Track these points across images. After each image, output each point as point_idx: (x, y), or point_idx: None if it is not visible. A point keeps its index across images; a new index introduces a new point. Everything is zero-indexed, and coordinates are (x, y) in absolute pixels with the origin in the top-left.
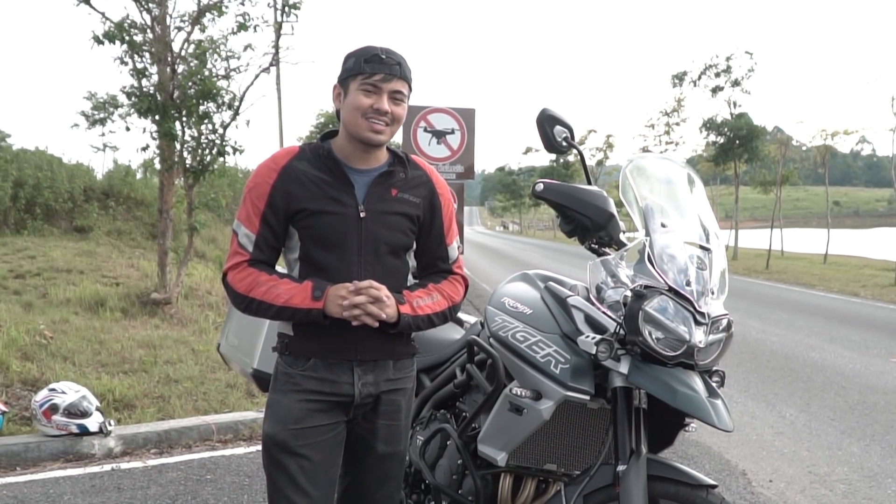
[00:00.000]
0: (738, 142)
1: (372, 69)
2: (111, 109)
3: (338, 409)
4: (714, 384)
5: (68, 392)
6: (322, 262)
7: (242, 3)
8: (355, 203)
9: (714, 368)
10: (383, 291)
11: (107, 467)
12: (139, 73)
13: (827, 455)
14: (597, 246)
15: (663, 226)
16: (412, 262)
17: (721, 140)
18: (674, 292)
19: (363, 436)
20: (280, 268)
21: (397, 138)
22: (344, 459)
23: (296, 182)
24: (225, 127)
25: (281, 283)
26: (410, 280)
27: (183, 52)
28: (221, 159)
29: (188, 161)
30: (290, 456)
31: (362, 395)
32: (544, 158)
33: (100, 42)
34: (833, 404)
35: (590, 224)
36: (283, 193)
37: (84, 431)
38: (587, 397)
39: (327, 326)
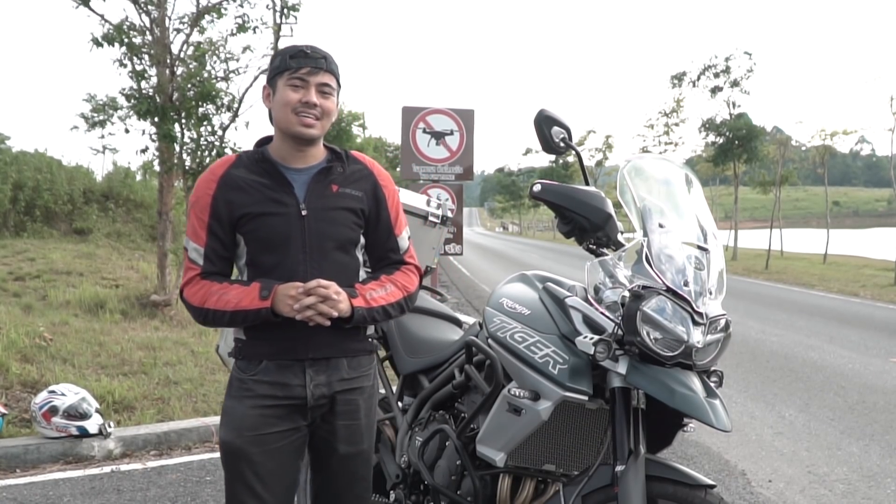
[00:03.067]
0: (737, 142)
1: (298, 64)
2: (110, 112)
3: (295, 414)
4: (712, 384)
5: (68, 394)
6: (268, 264)
7: (241, 5)
8: (296, 202)
9: (712, 368)
10: (332, 289)
11: (106, 469)
12: (138, 76)
13: (826, 455)
14: (595, 247)
15: (661, 226)
16: (362, 258)
17: (720, 140)
18: (672, 293)
19: (324, 437)
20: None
21: (396, 139)
22: (311, 462)
23: (235, 189)
24: (224, 129)
25: (230, 288)
26: (363, 275)
27: (182, 54)
28: None
29: (187, 163)
30: (246, 463)
31: (315, 397)
32: (544, 159)
33: (99, 44)
34: (832, 404)
35: (588, 225)
36: (224, 202)
37: (84, 433)
38: (585, 398)
39: (277, 326)
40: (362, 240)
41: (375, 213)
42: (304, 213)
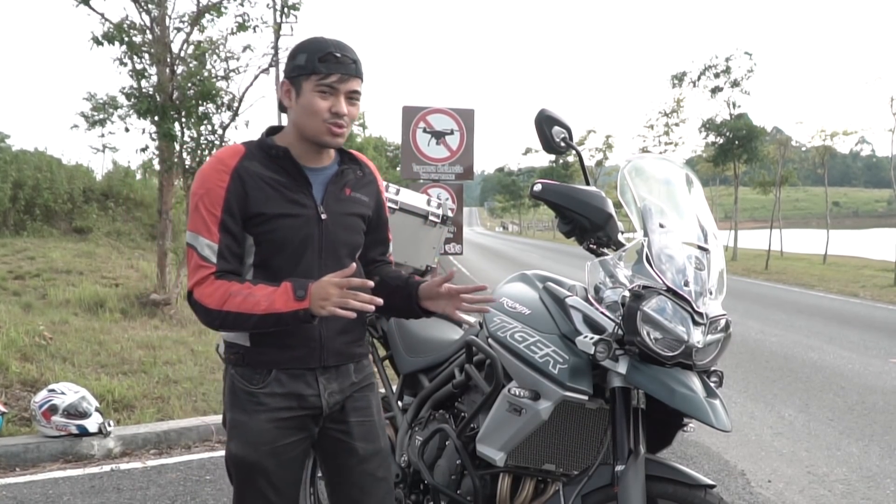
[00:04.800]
0: (737, 142)
1: (328, 69)
2: (110, 110)
3: (308, 422)
4: (712, 384)
5: (68, 393)
6: (280, 268)
7: (242, 4)
8: (314, 204)
9: (712, 369)
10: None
11: (106, 468)
12: (138, 74)
13: (826, 455)
14: (595, 246)
15: (661, 226)
16: None
17: (720, 141)
18: (672, 292)
19: (339, 439)
20: None
21: (396, 139)
22: (328, 472)
23: (250, 184)
24: (224, 128)
25: (256, 289)
26: None
27: (182, 53)
28: None
29: (187, 162)
30: (262, 475)
31: (330, 405)
32: (544, 159)
33: (99, 43)
34: (832, 405)
35: (588, 224)
36: (239, 197)
37: (83, 432)
38: (585, 397)
39: (290, 333)
40: None
41: (376, 219)
42: (323, 216)
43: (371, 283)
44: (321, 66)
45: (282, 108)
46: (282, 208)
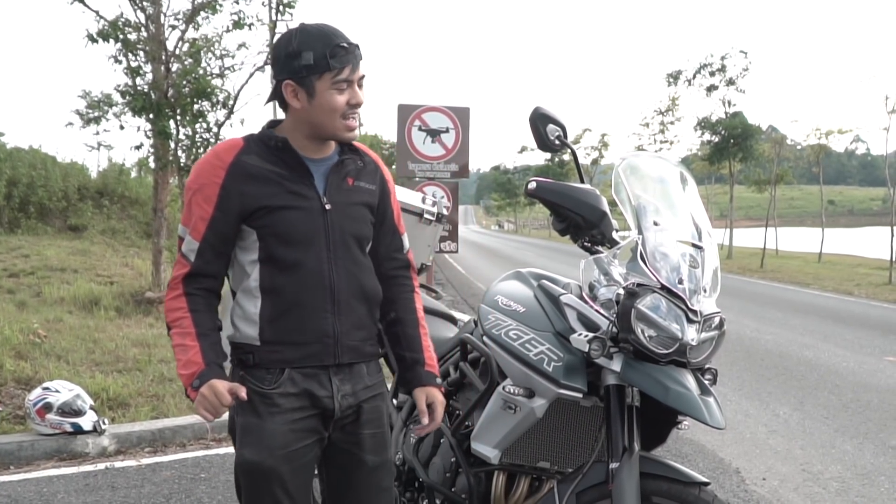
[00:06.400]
0: (732, 141)
1: (340, 63)
2: (105, 108)
3: (319, 424)
4: (706, 382)
5: (62, 391)
6: (289, 262)
7: (237, 2)
8: (317, 195)
9: (706, 366)
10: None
11: (101, 466)
12: (133, 72)
13: (820, 453)
14: (590, 244)
15: (656, 224)
16: None
17: (716, 139)
18: (666, 290)
19: (348, 449)
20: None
21: (391, 137)
22: (335, 481)
23: (249, 178)
24: (219, 125)
25: (190, 344)
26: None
27: (177, 51)
28: None
29: (182, 160)
30: (276, 482)
31: (343, 408)
32: (540, 157)
33: (94, 40)
34: (827, 403)
35: (582, 222)
36: (237, 193)
37: (78, 430)
38: (580, 395)
39: (304, 329)
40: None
41: (383, 210)
42: (327, 207)
43: (243, 396)
44: (334, 62)
45: (283, 106)
46: (284, 200)
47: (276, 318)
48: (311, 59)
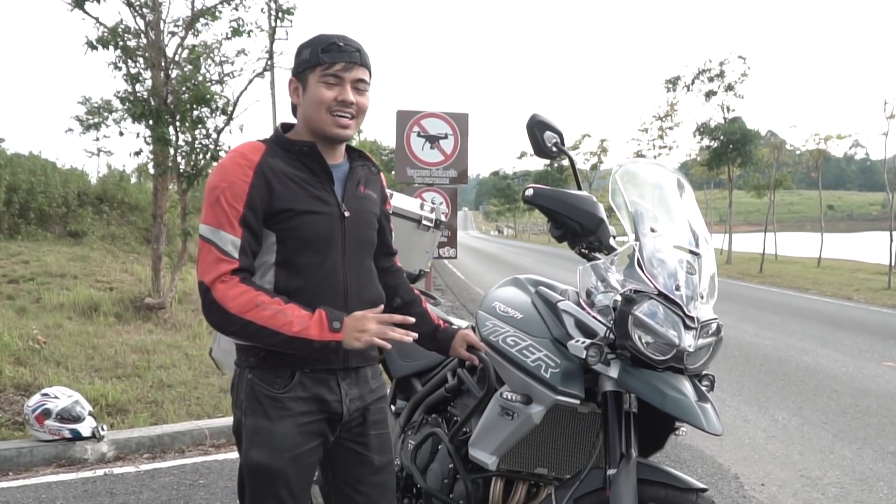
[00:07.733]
0: (731, 146)
1: (331, 59)
2: (105, 114)
3: (325, 428)
4: (704, 388)
5: (61, 397)
6: (306, 267)
7: (236, 9)
8: (336, 202)
9: (704, 372)
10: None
11: (99, 472)
12: (133, 79)
13: (819, 459)
14: (587, 251)
15: (653, 230)
16: None
17: (715, 144)
18: (663, 297)
19: (355, 451)
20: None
21: (390, 143)
22: (337, 480)
23: (276, 181)
24: (219, 132)
25: (288, 308)
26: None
27: (177, 57)
28: (215, 164)
29: (182, 166)
30: (283, 484)
31: (350, 412)
32: (538, 163)
33: (94, 47)
34: (825, 408)
35: (579, 229)
36: (265, 192)
37: (77, 436)
38: (577, 401)
39: None
40: None
41: (382, 216)
42: (346, 213)
43: (412, 320)
44: (325, 57)
45: (293, 111)
46: (308, 205)
47: None
48: (308, 55)
